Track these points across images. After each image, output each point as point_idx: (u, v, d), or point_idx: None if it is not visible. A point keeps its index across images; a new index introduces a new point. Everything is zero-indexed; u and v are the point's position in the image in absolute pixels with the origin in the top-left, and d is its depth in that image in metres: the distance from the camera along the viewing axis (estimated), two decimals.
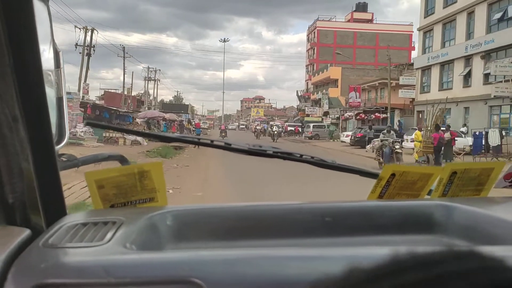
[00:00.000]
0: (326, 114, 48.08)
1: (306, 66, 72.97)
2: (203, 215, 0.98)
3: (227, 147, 1.12)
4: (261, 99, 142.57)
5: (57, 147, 0.92)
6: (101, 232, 0.77)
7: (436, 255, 0.35)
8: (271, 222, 0.97)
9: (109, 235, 0.75)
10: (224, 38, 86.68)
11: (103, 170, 0.96)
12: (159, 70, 57.65)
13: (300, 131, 47.75)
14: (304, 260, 0.67)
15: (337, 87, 53.77)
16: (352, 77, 51.03)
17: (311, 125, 42.65)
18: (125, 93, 44.90)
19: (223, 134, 36.21)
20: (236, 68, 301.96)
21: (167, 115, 40.03)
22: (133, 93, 52.16)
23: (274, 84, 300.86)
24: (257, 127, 37.28)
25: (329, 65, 56.46)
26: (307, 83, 69.71)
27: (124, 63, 43.41)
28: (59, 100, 1.09)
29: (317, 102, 57.08)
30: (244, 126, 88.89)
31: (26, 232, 0.77)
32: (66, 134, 1.07)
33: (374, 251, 0.68)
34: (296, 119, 61.30)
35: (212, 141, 1.15)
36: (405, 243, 0.95)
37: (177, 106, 62.41)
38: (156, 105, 52.97)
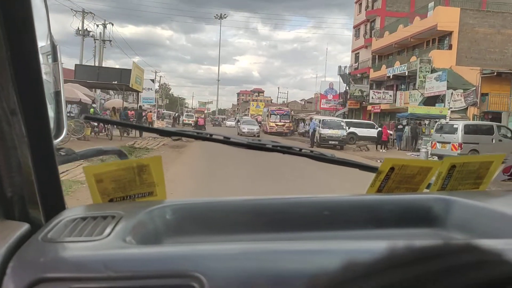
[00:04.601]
0: (434, 100, 24.62)
1: (354, 27, 44.52)
2: (203, 209, 0.98)
3: (226, 141, 1.11)
4: (260, 92, 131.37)
5: (55, 141, 0.91)
6: (100, 226, 0.77)
7: (433, 249, 0.35)
8: (271, 216, 0.97)
9: (108, 230, 0.75)
10: (221, 14, 76.18)
11: (102, 165, 0.96)
12: (111, 24, 37.63)
13: (392, 135, 23.89)
14: (304, 254, 0.67)
15: (450, 48, 27.21)
16: (481, 29, 27.42)
17: (460, 125, 16.91)
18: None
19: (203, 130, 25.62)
20: (231, 63, 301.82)
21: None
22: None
23: (269, 80, 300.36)
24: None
25: (432, 4, 28.72)
26: (356, 55, 42.96)
27: None
28: (57, 94, 1.09)
29: (381, 84, 34.21)
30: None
31: (25, 226, 0.76)
32: (64, 128, 1.07)
33: (372, 245, 0.69)
34: (340, 113, 37.88)
35: (210, 135, 1.15)
36: (404, 237, 0.95)
37: (108, 71, 26.36)
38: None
